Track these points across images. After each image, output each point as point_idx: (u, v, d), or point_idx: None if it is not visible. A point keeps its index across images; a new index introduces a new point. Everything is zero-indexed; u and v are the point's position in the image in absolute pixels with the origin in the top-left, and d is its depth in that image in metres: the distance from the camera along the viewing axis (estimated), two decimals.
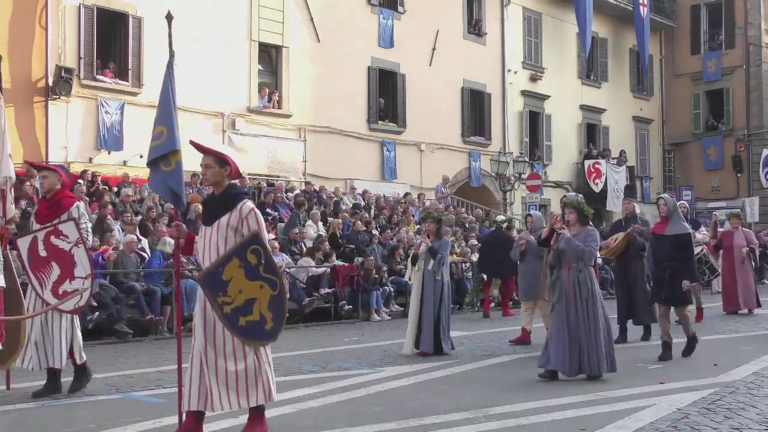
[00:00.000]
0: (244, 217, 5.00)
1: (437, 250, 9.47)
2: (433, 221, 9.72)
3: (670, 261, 8.74)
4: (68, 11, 16.34)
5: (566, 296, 7.59)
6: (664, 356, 8.88)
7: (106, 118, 16.58)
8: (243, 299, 4.89)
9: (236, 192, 5.20)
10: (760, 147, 30.87)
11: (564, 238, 7.62)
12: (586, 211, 7.91)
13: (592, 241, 7.68)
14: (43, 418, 6.25)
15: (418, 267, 9.59)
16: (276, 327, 5.06)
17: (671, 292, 8.79)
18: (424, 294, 9.45)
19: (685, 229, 8.94)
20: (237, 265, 4.88)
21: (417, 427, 5.76)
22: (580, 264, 7.58)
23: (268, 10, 19.74)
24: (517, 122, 26.98)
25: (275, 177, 19.36)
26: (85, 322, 11.07)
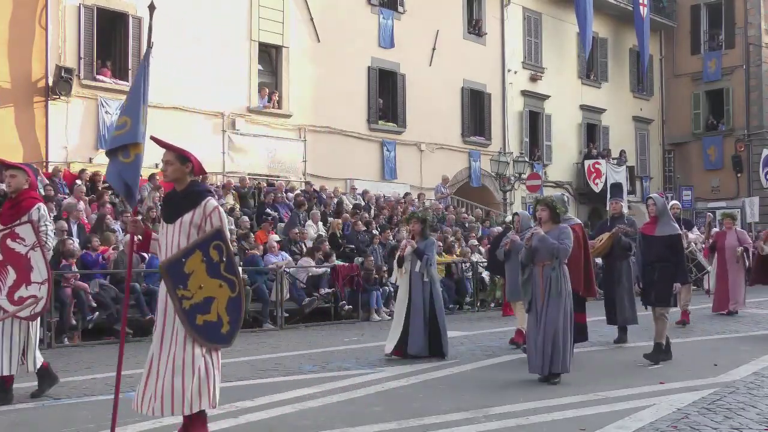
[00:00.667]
0: (208, 215, 4.84)
1: (423, 250, 9.27)
2: (418, 221, 9.51)
3: (660, 262, 8.60)
4: (68, 11, 16.33)
5: (539, 294, 7.53)
6: (654, 357, 8.68)
7: (106, 118, 16.56)
8: (202, 296, 4.72)
9: (199, 189, 5.03)
10: (760, 147, 30.87)
11: (537, 235, 7.53)
12: (559, 208, 7.79)
13: (566, 239, 7.56)
14: (43, 418, 6.25)
15: (405, 269, 9.38)
16: (232, 331, 4.85)
17: (660, 292, 8.62)
18: (412, 296, 9.25)
19: (675, 229, 8.80)
20: (199, 258, 4.72)
21: (417, 427, 5.76)
22: (554, 262, 7.49)
23: (268, 10, 19.73)
24: (517, 122, 26.97)
25: (275, 177, 19.36)
26: (85, 322, 11.09)
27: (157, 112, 17.47)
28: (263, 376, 8.07)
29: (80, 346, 10.74)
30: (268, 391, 7.17)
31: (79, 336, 11.06)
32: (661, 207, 8.84)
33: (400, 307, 9.39)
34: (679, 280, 8.69)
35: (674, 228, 8.80)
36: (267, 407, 6.47)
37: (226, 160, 18.73)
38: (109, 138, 5.54)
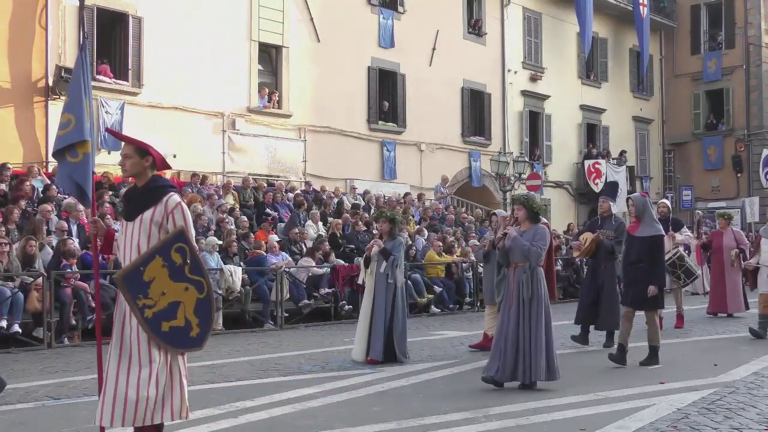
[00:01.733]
0: (169, 212, 4.49)
1: (390, 251, 8.90)
2: (387, 221, 9.14)
3: (639, 263, 8.42)
4: (68, 11, 16.33)
5: (509, 296, 7.27)
6: (617, 359, 8.49)
7: (106, 118, 16.56)
8: (166, 302, 4.44)
9: (161, 184, 4.63)
10: (760, 147, 30.86)
11: (510, 236, 7.29)
12: (536, 207, 7.50)
13: (540, 240, 7.25)
14: (43, 418, 6.25)
15: (371, 269, 9.02)
16: (202, 333, 4.53)
17: (638, 294, 8.41)
18: (376, 298, 8.88)
19: (656, 230, 8.53)
20: (160, 264, 4.42)
21: (417, 427, 5.76)
22: (527, 264, 7.20)
23: (268, 10, 19.73)
24: (517, 122, 26.97)
25: (275, 177, 19.36)
26: (85, 322, 11.09)
27: (157, 112, 17.56)
28: (263, 376, 8.07)
29: (80, 346, 10.74)
30: (268, 391, 7.17)
31: (79, 336, 11.06)
32: (641, 207, 8.60)
33: (365, 311, 9.01)
34: (654, 283, 8.36)
35: (656, 229, 8.55)
36: (267, 407, 6.47)
37: (226, 160, 18.73)
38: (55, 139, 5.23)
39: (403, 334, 8.93)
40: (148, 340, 4.38)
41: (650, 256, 8.39)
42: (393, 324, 8.80)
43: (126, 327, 4.45)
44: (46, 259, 11.22)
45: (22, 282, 10.67)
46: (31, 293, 10.59)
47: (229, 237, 13.75)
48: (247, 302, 13.13)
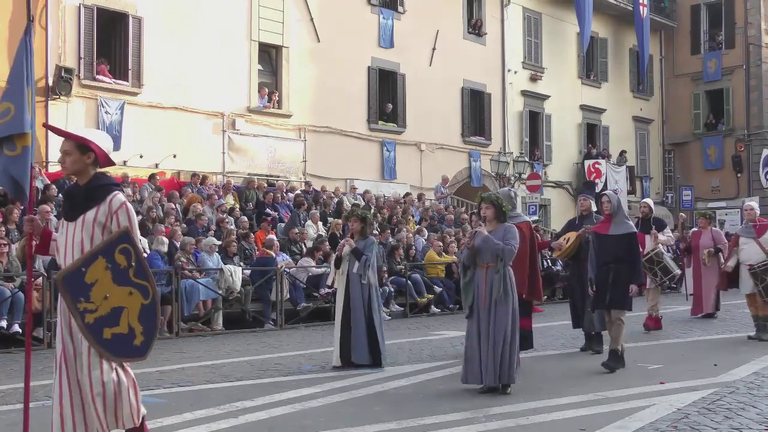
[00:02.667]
0: (113, 212, 4.22)
1: (362, 251, 8.62)
2: (358, 219, 8.90)
3: (614, 263, 8.15)
4: (68, 11, 16.34)
5: (481, 298, 7.00)
6: (612, 364, 8.11)
7: (106, 118, 16.57)
8: (109, 307, 4.15)
9: (104, 183, 4.35)
10: (760, 147, 30.86)
11: (480, 235, 7.02)
12: (505, 206, 7.26)
13: (512, 239, 7.02)
14: (43, 418, 6.24)
15: (342, 270, 8.72)
16: (147, 341, 4.26)
17: (614, 295, 8.15)
18: (351, 300, 8.57)
19: (630, 228, 8.40)
20: (103, 266, 4.14)
21: (417, 427, 5.76)
22: (499, 264, 6.96)
23: (268, 10, 19.73)
24: (517, 122, 26.97)
25: (275, 177, 19.37)
26: None
27: (157, 112, 17.57)
28: (263, 376, 8.07)
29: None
30: (268, 391, 7.17)
31: None
32: (616, 205, 8.44)
33: (339, 314, 8.69)
34: (635, 282, 8.20)
35: (629, 226, 8.43)
36: (267, 407, 6.47)
37: (226, 160, 18.73)
38: None
39: (383, 335, 8.71)
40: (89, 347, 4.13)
41: (627, 254, 8.20)
42: (374, 326, 8.54)
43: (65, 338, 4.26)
44: (46, 260, 11.21)
45: (22, 282, 10.67)
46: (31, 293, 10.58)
47: (229, 237, 13.75)
48: (247, 302, 13.14)
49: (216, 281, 12.80)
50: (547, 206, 27.34)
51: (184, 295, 12.21)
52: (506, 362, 6.87)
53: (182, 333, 12.00)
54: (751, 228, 10.67)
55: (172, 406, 6.50)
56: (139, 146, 17.04)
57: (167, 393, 7.19)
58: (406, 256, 16.18)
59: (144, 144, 17.11)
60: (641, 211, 12.11)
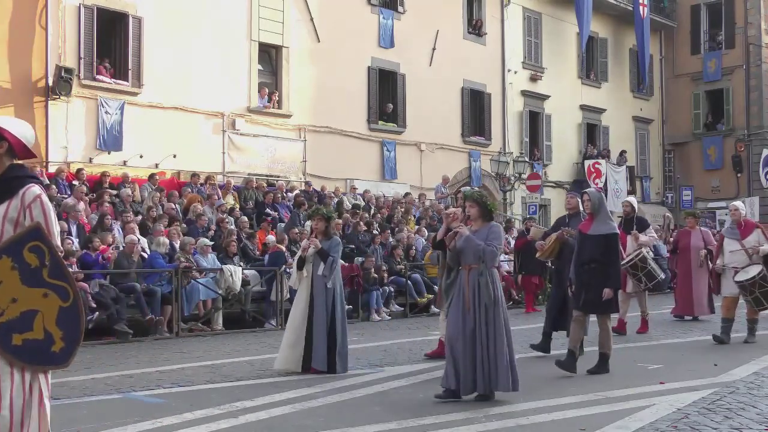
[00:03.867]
0: (26, 206, 3.81)
1: (328, 251, 8.25)
2: (322, 219, 8.42)
3: (592, 263, 7.85)
4: (68, 11, 16.33)
5: (464, 301, 6.62)
6: (567, 365, 7.85)
7: (106, 118, 16.56)
8: (18, 311, 3.75)
9: (18, 175, 3.91)
10: (760, 147, 30.85)
11: (463, 235, 6.68)
12: (490, 204, 6.94)
13: (495, 239, 6.68)
14: None
15: (306, 272, 8.30)
16: (69, 348, 3.91)
17: (591, 297, 7.82)
18: (314, 303, 8.18)
19: (611, 228, 8.04)
20: (9, 266, 3.73)
21: (417, 427, 5.76)
22: (482, 265, 6.61)
23: (268, 10, 19.72)
24: (517, 122, 26.96)
25: (275, 177, 19.36)
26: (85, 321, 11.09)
27: (157, 111, 17.56)
28: (263, 376, 8.07)
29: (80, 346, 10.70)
30: (268, 391, 7.17)
31: None
32: (597, 203, 8.06)
33: (298, 316, 8.24)
34: (610, 285, 7.82)
35: (610, 227, 8.04)
36: (267, 407, 6.47)
37: (226, 160, 18.73)
38: None
39: (344, 342, 8.30)
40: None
41: (604, 255, 7.86)
42: (335, 332, 8.17)
43: None
44: None
45: None
46: None
47: (229, 237, 13.75)
48: (247, 302, 13.14)
49: (216, 281, 12.80)
50: (547, 206, 27.33)
51: (184, 295, 12.21)
52: (506, 369, 6.55)
53: (182, 333, 12.00)
54: (735, 229, 10.40)
55: (172, 406, 6.50)
56: (139, 146, 17.04)
57: (167, 393, 7.19)
58: (406, 256, 16.18)
59: (144, 144, 17.10)
60: (624, 211, 11.76)
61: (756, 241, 10.18)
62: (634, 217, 11.56)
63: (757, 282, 9.94)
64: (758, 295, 10.00)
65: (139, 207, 14.66)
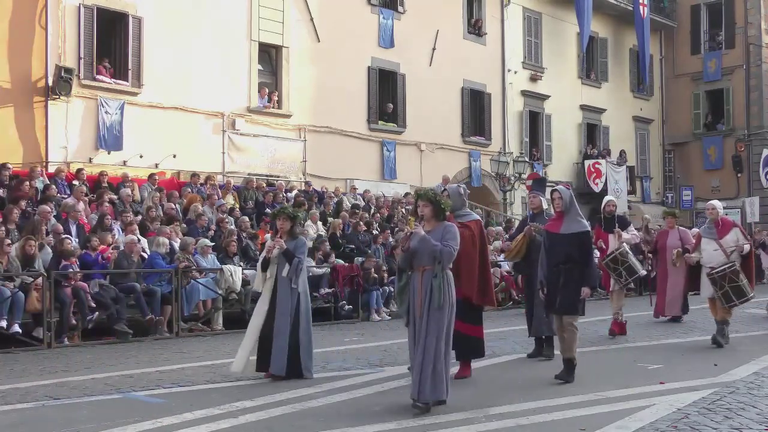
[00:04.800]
0: None
1: (293, 252, 7.89)
2: (287, 218, 8.05)
3: (566, 264, 7.53)
4: (68, 11, 16.32)
5: (416, 304, 6.32)
6: (565, 376, 7.52)
7: (106, 118, 16.56)
8: None
9: None
10: (760, 147, 30.83)
11: (417, 236, 6.31)
12: (443, 204, 6.53)
13: (451, 239, 6.33)
14: (43, 418, 6.25)
15: (270, 273, 7.94)
16: None
17: (564, 298, 7.51)
18: (278, 306, 7.82)
19: (583, 226, 7.71)
20: None
21: (417, 427, 5.76)
22: (437, 267, 6.27)
23: (268, 10, 19.72)
24: (517, 122, 26.96)
25: (275, 177, 19.35)
26: (84, 322, 11.09)
27: (157, 111, 17.56)
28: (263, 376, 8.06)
29: (80, 346, 10.74)
30: (268, 391, 7.17)
31: (78, 336, 11.06)
32: (568, 201, 7.77)
33: (259, 320, 7.90)
34: (588, 284, 7.57)
35: (582, 225, 7.72)
36: (267, 407, 6.47)
37: (226, 160, 18.72)
38: None
39: (309, 346, 7.95)
40: None
41: (580, 254, 7.55)
42: (299, 335, 7.83)
43: None
44: (46, 259, 11.22)
45: (22, 282, 10.67)
46: (31, 293, 10.58)
47: (229, 237, 13.75)
48: (247, 302, 13.12)
49: (216, 281, 12.80)
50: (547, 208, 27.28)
51: (184, 295, 12.21)
52: (439, 376, 6.17)
53: (182, 333, 11.99)
54: (713, 228, 10.12)
55: (172, 406, 6.50)
56: (139, 146, 17.04)
57: (167, 393, 7.19)
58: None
59: (144, 144, 17.10)
60: (607, 210, 11.43)
61: (734, 240, 9.95)
62: (615, 216, 11.39)
63: (728, 275, 9.69)
64: (728, 289, 9.75)
65: (138, 207, 14.65)
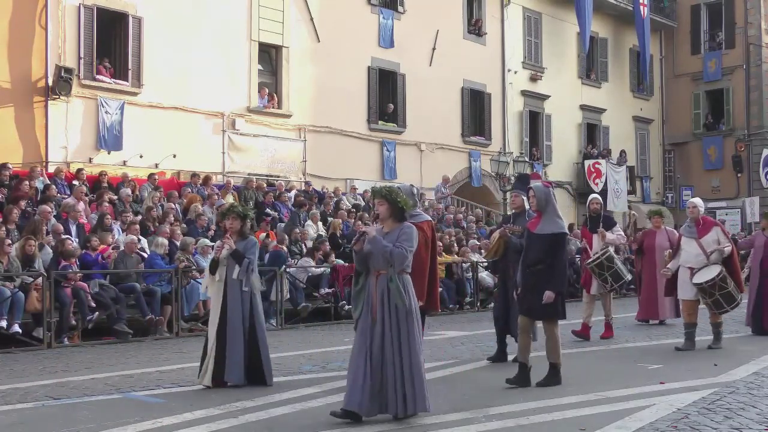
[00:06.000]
0: None
1: (243, 253, 7.46)
2: (237, 217, 7.60)
3: (537, 265, 7.25)
4: (68, 11, 16.32)
5: (372, 311, 5.85)
6: (519, 380, 7.24)
7: (106, 118, 16.57)
8: None
9: None
10: (760, 147, 30.86)
11: (369, 237, 5.87)
12: (401, 202, 6.01)
13: (406, 241, 5.86)
14: (43, 418, 6.25)
15: (219, 276, 7.50)
16: None
17: (536, 301, 7.21)
18: (229, 311, 7.38)
19: (559, 227, 7.34)
20: None
21: (417, 427, 5.76)
22: (391, 270, 5.82)
23: (268, 10, 19.72)
24: (517, 122, 26.97)
25: (275, 177, 19.36)
26: (84, 322, 11.10)
27: (157, 111, 17.57)
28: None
29: (80, 346, 10.74)
30: (268, 391, 7.17)
31: (79, 336, 11.06)
32: (543, 199, 7.38)
33: (211, 326, 7.52)
34: (553, 288, 7.15)
35: (559, 225, 7.34)
36: (267, 407, 6.46)
37: (226, 160, 18.73)
38: None
39: (267, 351, 7.54)
40: None
41: (551, 256, 7.22)
42: (257, 340, 7.44)
43: None
44: (46, 260, 11.22)
45: (22, 282, 10.68)
46: (31, 293, 10.59)
47: None
48: None
49: None
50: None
51: (184, 295, 12.20)
52: (422, 387, 5.83)
53: (182, 333, 11.99)
54: (693, 227, 9.74)
55: (172, 406, 6.50)
56: (139, 146, 17.05)
57: (167, 393, 7.19)
58: None
59: (144, 144, 17.10)
60: (591, 208, 11.12)
61: (715, 240, 9.61)
62: (600, 215, 11.02)
63: (717, 284, 9.35)
64: (718, 297, 9.41)
65: (138, 207, 14.65)
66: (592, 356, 9.44)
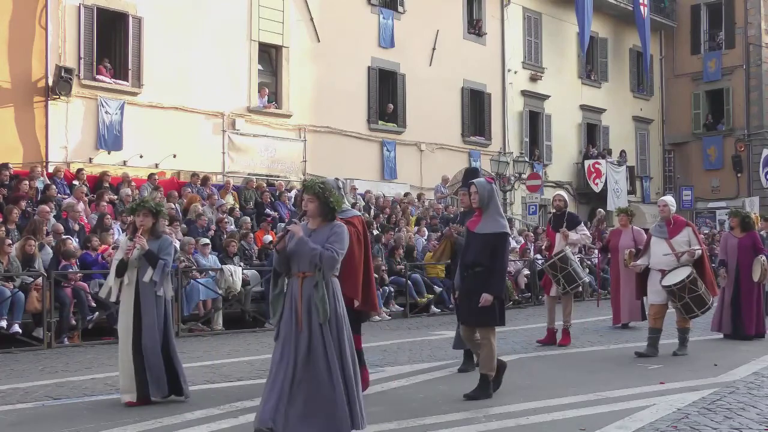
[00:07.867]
0: None
1: (157, 254, 6.77)
2: (149, 214, 6.87)
3: (476, 267, 6.81)
4: (68, 11, 16.32)
5: (296, 317, 5.22)
6: (477, 394, 6.72)
7: (106, 118, 16.57)
8: None
9: None
10: (760, 147, 30.87)
11: (295, 235, 5.29)
12: (333, 200, 5.39)
13: (336, 242, 5.26)
14: (43, 418, 6.25)
15: (128, 279, 6.75)
16: None
17: (474, 307, 6.75)
18: (143, 318, 6.68)
19: (500, 226, 6.85)
20: None
21: (417, 427, 5.76)
22: (318, 274, 5.21)
23: (268, 10, 19.72)
24: (517, 122, 26.97)
25: (275, 177, 19.35)
26: (84, 322, 11.10)
27: (157, 111, 17.56)
28: (263, 376, 8.02)
29: (80, 346, 10.74)
30: None
31: (79, 336, 11.06)
32: (486, 195, 6.87)
33: (123, 335, 6.76)
34: (491, 291, 6.67)
35: (499, 224, 6.86)
36: None
37: (226, 160, 18.73)
38: None
39: (179, 360, 6.92)
40: None
41: (488, 258, 6.75)
42: (170, 348, 6.80)
43: None
44: (46, 259, 11.22)
45: (22, 282, 10.68)
46: (31, 293, 10.59)
47: (230, 237, 13.76)
48: (247, 302, 13.14)
49: (216, 281, 12.80)
50: (546, 206, 27.30)
51: (184, 295, 12.21)
52: (356, 403, 5.19)
53: (182, 333, 11.99)
54: (664, 227, 9.37)
55: (173, 406, 6.50)
56: (139, 146, 17.04)
57: None
58: (406, 256, 16.17)
59: (144, 144, 17.10)
60: (555, 205, 10.70)
61: (685, 241, 9.28)
62: (565, 213, 10.55)
63: (687, 286, 8.99)
64: (688, 300, 9.05)
65: None
66: (592, 356, 9.44)
